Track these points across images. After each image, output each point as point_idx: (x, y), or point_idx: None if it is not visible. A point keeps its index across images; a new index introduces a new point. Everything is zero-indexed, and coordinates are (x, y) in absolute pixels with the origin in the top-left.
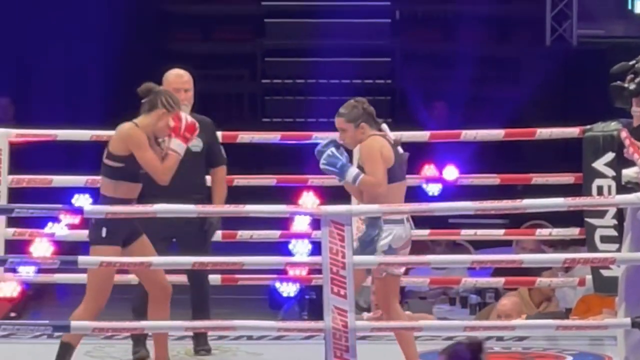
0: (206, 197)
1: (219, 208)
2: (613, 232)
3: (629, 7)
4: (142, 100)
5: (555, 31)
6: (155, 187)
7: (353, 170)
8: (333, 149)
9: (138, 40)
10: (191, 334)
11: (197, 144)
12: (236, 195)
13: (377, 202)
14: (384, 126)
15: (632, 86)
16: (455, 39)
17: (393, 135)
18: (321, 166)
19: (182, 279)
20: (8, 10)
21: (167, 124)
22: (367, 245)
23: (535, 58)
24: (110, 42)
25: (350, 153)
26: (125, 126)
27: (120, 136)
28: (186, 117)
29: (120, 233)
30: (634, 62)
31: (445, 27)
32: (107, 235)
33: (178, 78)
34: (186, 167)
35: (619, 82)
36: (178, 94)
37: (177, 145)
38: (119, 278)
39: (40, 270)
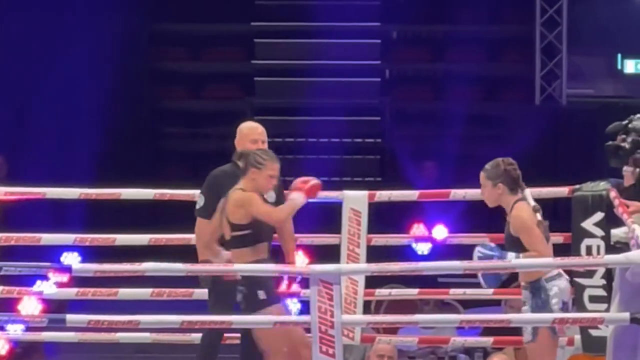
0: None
1: (209, 267)
2: (602, 292)
3: (619, 67)
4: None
5: (545, 90)
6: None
7: (511, 256)
8: (481, 247)
9: (125, 98)
10: None
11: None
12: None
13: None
14: (527, 192)
15: (627, 145)
16: (445, 98)
17: (533, 203)
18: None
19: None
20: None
21: (265, 181)
22: (540, 310)
23: (525, 117)
24: (101, 99)
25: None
26: (236, 194)
27: (236, 205)
28: (312, 180)
29: (277, 296)
30: (626, 121)
31: (435, 85)
32: (266, 299)
33: (254, 130)
34: None
35: (613, 142)
36: (256, 144)
37: (297, 196)
38: (104, 336)
39: (28, 329)
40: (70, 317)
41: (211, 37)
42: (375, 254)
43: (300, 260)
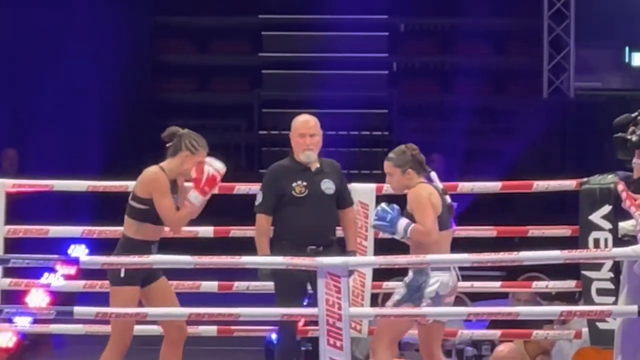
0: (336, 238)
1: (216, 259)
2: (609, 285)
3: (626, 60)
4: (167, 145)
5: (553, 83)
6: (290, 231)
7: (403, 222)
8: (384, 204)
9: (135, 92)
10: None
11: (330, 187)
12: (232, 246)
13: (424, 250)
14: (433, 174)
15: (635, 138)
16: (452, 91)
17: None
18: (373, 222)
19: None
20: (7, 61)
21: (192, 166)
22: (415, 291)
23: (532, 110)
24: (107, 93)
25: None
26: (151, 170)
27: (145, 179)
28: (208, 170)
29: (139, 274)
30: (636, 114)
31: (443, 78)
32: (125, 276)
33: (304, 124)
34: (322, 208)
35: (621, 134)
36: (303, 139)
37: (194, 198)
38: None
39: (36, 321)
40: (78, 310)
41: (219, 29)
42: (383, 246)
43: None
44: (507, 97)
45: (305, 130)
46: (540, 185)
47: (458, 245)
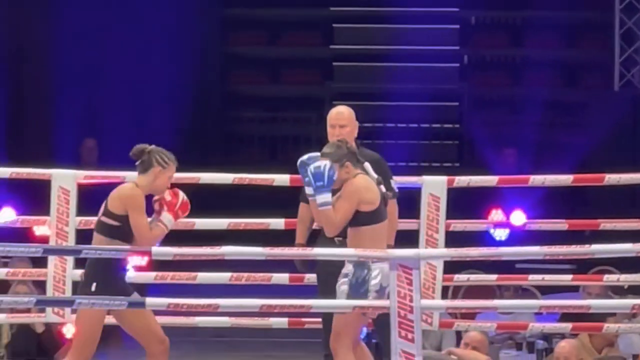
0: None
1: (287, 251)
2: None
3: None
4: (136, 163)
5: (624, 76)
6: None
7: (326, 197)
8: (328, 165)
9: (205, 84)
10: None
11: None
12: None
13: (360, 242)
14: (367, 165)
15: None
16: (523, 84)
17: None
18: (309, 170)
19: None
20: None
21: (164, 182)
22: (359, 287)
23: (604, 103)
24: (178, 85)
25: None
26: (127, 186)
27: (120, 196)
28: (183, 196)
29: (110, 290)
30: None
31: (514, 71)
32: (95, 291)
33: (335, 114)
34: None
35: None
36: (333, 129)
37: (168, 221)
38: (184, 320)
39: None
40: (150, 301)
41: (290, 21)
42: (453, 239)
43: None
44: (578, 90)
45: (335, 121)
46: (612, 178)
47: (528, 238)
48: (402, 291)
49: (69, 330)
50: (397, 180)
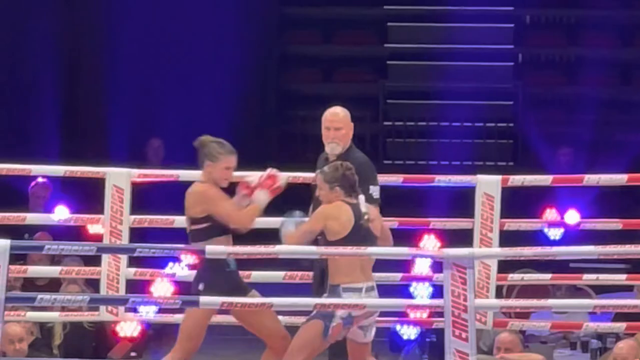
0: None
1: (342, 250)
2: None
3: None
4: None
5: None
6: None
7: (287, 226)
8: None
9: (261, 83)
10: None
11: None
12: None
13: (336, 264)
14: (361, 197)
15: None
16: (578, 82)
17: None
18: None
19: None
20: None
21: (221, 174)
22: (327, 315)
23: None
24: (233, 83)
25: None
26: (194, 188)
27: (191, 199)
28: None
29: (219, 288)
30: None
31: (568, 70)
32: (204, 290)
33: (329, 116)
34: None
35: None
36: (328, 132)
37: (260, 199)
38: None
39: (160, 310)
40: (204, 299)
41: (344, 20)
42: (508, 238)
43: (433, 244)
44: (634, 89)
45: (330, 124)
46: None
47: (582, 237)
48: (456, 290)
49: (122, 329)
50: (452, 180)
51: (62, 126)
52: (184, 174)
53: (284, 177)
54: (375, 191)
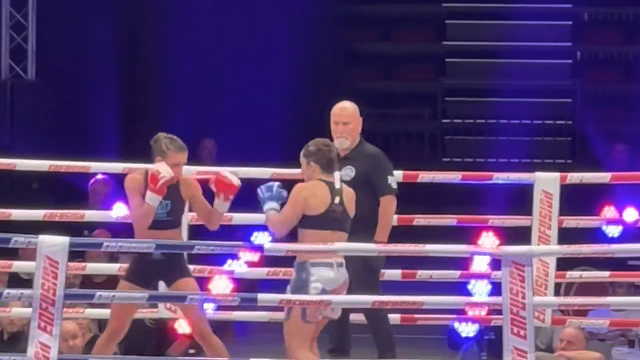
0: (366, 226)
1: (400, 247)
2: None
3: None
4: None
5: None
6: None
7: (271, 205)
8: (276, 186)
9: (317, 78)
10: None
11: (348, 174)
12: (416, 234)
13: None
14: (336, 174)
15: None
16: (636, 79)
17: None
18: (261, 188)
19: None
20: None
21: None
22: (299, 290)
23: None
24: (289, 80)
25: None
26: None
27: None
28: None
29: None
30: None
31: (627, 68)
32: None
33: (338, 111)
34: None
35: None
36: (336, 126)
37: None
38: None
39: (219, 307)
40: (262, 297)
41: (403, 18)
42: (566, 236)
43: (491, 242)
44: None
45: (339, 118)
46: None
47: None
48: (515, 288)
49: (180, 326)
50: (510, 177)
51: (121, 124)
52: (243, 171)
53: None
54: (393, 181)
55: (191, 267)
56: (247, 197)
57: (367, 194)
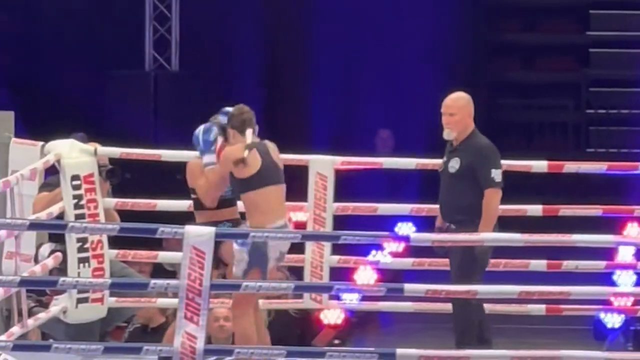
0: (470, 219)
1: (545, 237)
2: None
3: None
4: None
5: None
6: None
7: (208, 158)
8: (202, 130)
9: (461, 70)
10: None
11: (454, 165)
12: (562, 224)
13: (253, 208)
14: (248, 132)
15: None
16: None
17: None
18: (198, 129)
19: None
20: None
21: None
22: (255, 251)
23: None
24: (433, 72)
25: None
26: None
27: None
28: None
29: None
30: None
31: None
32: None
33: (445, 102)
34: (447, 186)
35: None
36: (444, 117)
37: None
38: (441, 306)
39: (364, 298)
40: (409, 287)
41: (546, 8)
42: None
43: (636, 232)
44: None
45: (445, 109)
46: None
47: None
48: None
49: (326, 317)
50: None
51: (264, 114)
52: (387, 162)
53: None
54: (497, 175)
55: (336, 257)
56: (392, 186)
57: (472, 186)
